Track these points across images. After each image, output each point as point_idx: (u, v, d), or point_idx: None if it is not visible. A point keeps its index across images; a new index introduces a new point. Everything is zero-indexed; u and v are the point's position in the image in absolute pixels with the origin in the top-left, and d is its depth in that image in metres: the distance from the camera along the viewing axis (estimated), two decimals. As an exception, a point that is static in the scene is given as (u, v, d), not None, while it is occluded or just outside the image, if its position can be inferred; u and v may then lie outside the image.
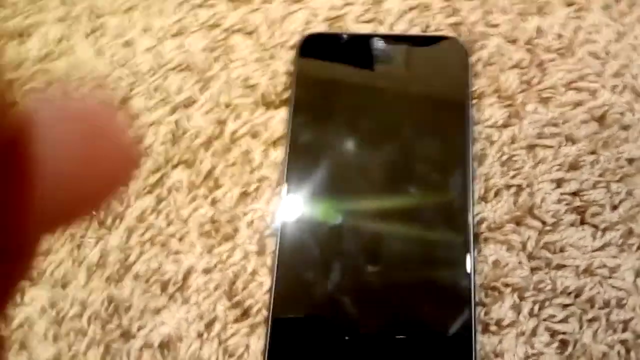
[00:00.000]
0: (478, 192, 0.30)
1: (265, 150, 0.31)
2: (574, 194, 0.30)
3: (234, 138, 0.32)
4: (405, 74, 0.32)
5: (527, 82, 0.32)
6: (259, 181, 0.31)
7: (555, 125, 0.31)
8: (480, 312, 0.28)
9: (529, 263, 0.29)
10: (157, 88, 0.33)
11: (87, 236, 0.30)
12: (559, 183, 0.30)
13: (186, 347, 0.28)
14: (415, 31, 0.33)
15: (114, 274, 0.30)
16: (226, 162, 0.31)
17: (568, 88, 0.31)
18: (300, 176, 0.30)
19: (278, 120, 0.32)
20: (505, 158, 0.30)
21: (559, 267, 0.29)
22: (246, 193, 0.31)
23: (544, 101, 0.31)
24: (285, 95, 0.32)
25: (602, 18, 0.33)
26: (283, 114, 0.32)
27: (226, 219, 0.30)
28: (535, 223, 0.29)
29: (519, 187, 0.30)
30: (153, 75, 0.33)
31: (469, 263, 0.28)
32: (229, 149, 0.31)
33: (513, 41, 0.32)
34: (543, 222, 0.29)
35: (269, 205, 0.30)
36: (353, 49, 0.32)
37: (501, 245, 0.29)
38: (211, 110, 0.32)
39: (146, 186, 0.31)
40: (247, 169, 0.31)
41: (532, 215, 0.29)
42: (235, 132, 0.32)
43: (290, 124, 0.31)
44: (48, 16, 0.35)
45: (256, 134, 0.32)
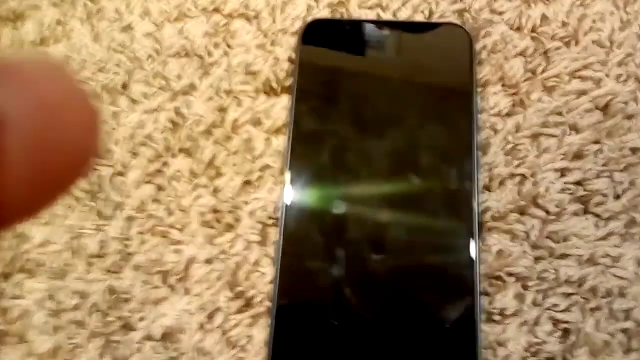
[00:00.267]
0: (482, 181, 0.30)
1: (267, 138, 0.31)
2: (578, 184, 0.30)
3: (236, 126, 0.31)
4: (409, 61, 0.32)
5: (532, 71, 0.31)
6: (261, 170, 0.30)
7: (559, 114, 0.31)
8: (484, 301, 0.28)
9: (533, 252, 0.29)
10: (156, 75, 0.32)
11: (86, 226, 0.30)
12: (563, 172, 0.30)
13: (188, 339, 0.28)
14: (419, 18, 0.33)
15: (114, 265, 0.29)
16: (227, 151, 0.31)
17: (573, 77, 0.31)
18: (303, 165, 0.30)
19: (280, 107, 0.31)
20: (509, 147, 0.30)
21: (563, 257, 0.28)
22: (248, 182, 0.30)
23: (549, 90, 0.31)
24: (287, 82, 0.32)
25: (607, 6, 0.32)
26: (285, 102, 0.31)
27: (228, 209, 0.30)
28: (539, 212, 0.29)
29: (523, 177, 0.30)
30: (152, 61, 0.32)
31: (474, 252, 0.28)
32: (230, 137, 0.31)
33: (518, 29, 0.32)
34: (547, 212, 0.29)
35: (272, 194, 0.30)
36: (356, 36, 0.32)
37: (505, 234, 0.29)
38: (212, 97, 0.32)
39: (146, 175, 0.30)
40: (249, 158, 0.30)
41: (536, 204, 0.29)
42: (236, 120, 0.31)
43: (292, 112, 0.30)
44: (43, 1, 0.34)
45: (258, 122, 0.31)
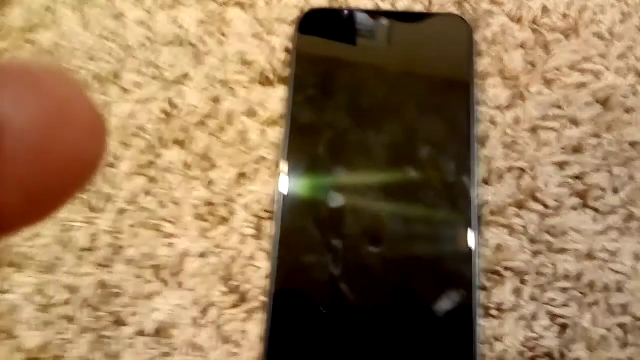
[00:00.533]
0: (481, 175, 0.29)
1: (262, 130, 0.30)
2: (577, 178, 0.29)
3: (230, 117, 0.30)
4: (407, 52, 0.31)
5: (532, 63, 0.31)
6: (256, 162, 0.30)
7: (559, 107, 0.30)
8: (481, 296, 0.28)
9: (531, 247, 0.28)
10: (149, 64, 0.31)
11: (76, 219, 0.29)
12: (562, 166, 0.29)
13: (181, 334, 0.27)
14: (418, 8, 0.32)
15: (105, 259, 0.28)
16: (222, 143, 0.30)
17: (573, 70, 0.31)
18: (299, 156, 0.29)
19: (276, 99, 0.30)
20: (508, 140, 0.30)
21: (561, 251, 0.28)
22: (243, 174, 0.30)
23: (548, 83, 0.31)
24: (284, 73, 0.31)
25: (607, -2, 0.32)
26: (281, 93, 0.31)
27: (222, 202, 0.29)
28: (537, 206, 0.29)
29: (522, 170, 0.29)
30: (145, 50, 0.32)
31: (472, 246, 0.28)
32: (225, 129, 0.30)
33: (518, 20, 0.32)
34: (545, 206, 0.29)
35: (267, 187, 0.29)
36: (355, 26, 0.31)
37: (503, 228, 0.29)
38: (206, 88, 0.31)
39: (137, 167, 0.30)
40: (244, 150, 0.30)
41: (535, 198, 0.29)
42: (231, 111, 0.30)
43: (290, 103, 0.30)
44: (30, -15, 0.33)
45: (253, 113, 0.30)
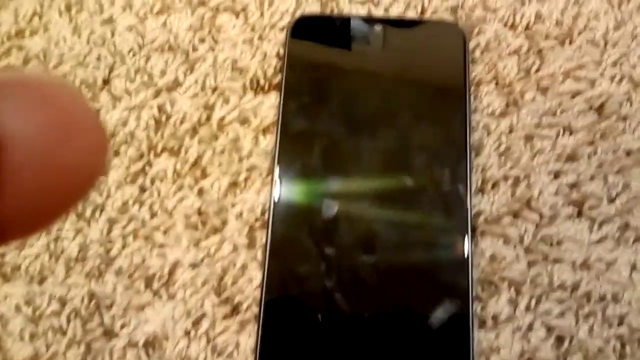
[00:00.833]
0: (475, 184, 0.29)
1: (254, 137, 0.30)
2: (572, 186, 0.29)
3: (222, 124, 0.30)
4: (400, 59, 0.31)
5: (526, 70, 0.31)
6: (249, 170, 0.29)
7: (553, 114, 0.30)
8: (476, 307, 0.27)
9: (526, 257, 0.28)
10: (139, 70, 0.31)
11: (65, 229, 0.28)
12: (557, 174, 0.29)
13: (172, 346, 0.27)
14: (411, 14, 0.32)
15: (95, 269, 0.28)
16: (213, 150, 0.30)
17: (567, 77, 0.31)
18: (291, 164, 0.29)
19: (268, 105, 0.30)
20: (503, 148, 0.30)
21: (556, 261, 0.28)
22: (235, 183, 0.29)
23: (543, 90, 0.30)
24: (275, 79, 0.31)
25: (602, 5, 0.32)
26: (273, 99, 0.30)
27: (214, 210, 0.29)
28: (532, 216, 0.29)
29: (517, 179, 0.29)
30: (134, 56, 0.31)
31: (467, 257, 0.27)
32: (217, 136, 0.30)
33: (512, 26, 0.31)
34: (540, 215, 0.29)
35: (259, 195, 0.29)
36: (347, 32, 0.31)
37: (498, 238, 0.28)
38: (197, 94, 0.30)
39: (128, 175, 0.29)
40: (236, 157, 0.29)
41: (530, 207, 0.29)
42: (223, 118, 0.30)
43: (280, 109, 0.29)
44: (18, -10, 0.32)
45: (245, 120, 0.30)
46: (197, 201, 0.29)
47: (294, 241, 0.28)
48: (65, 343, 0.27)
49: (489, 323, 0.27)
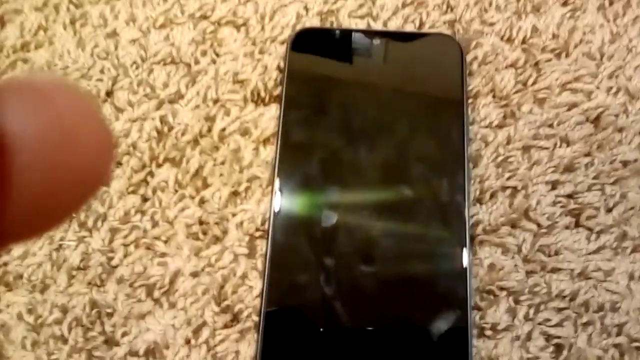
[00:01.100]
0: (473, 194, 0.29)
1: (255, 148, 0.30)
2: (569, 197, 0.29)
3: (223, 135, 0.30)
4: (399, 72, 0.31)
5: (523, 83, 0.31)
6: (249, 181, 0.30)
7: (550, 126, 0.30)
8: (475, 316, 0.27)
9: (524, 266, 0.28)
10: (142, 82, 0.31)
11: (67, 238, 0.29)
12: (554, 185, 0.30)
13: (173, 354, 0.27)
14: (409, 28, 0.32)
15: (96, 278, 0.28)
16: (214, 161, 0.30)
17: (563, 89, 0.31)
18: (291, 175, 0.29)
19: (268, 117, 0.31)
20: (500, 159, 0.30)
21: (554, 271, 0.28)
22: (236, 193, 0.29)
23: (540, 102, 0.31)
24: (276, 91, 0.31)
25: (597, 18, 0.32)
26: (274, 111, 0.31)
27: (215, 220, 0.29)
28: (530, 226, 0.29)
29: (515, 189, 0.29)
30: (137, 68, 0.32)
31: (465, 266, 0.28)
32: (218, 147, 0.30)
33: (509, 40, 0.32)
34: (538, 225, 0.29)
35: (260, 205, 0.29)
36: (346, 45, 0.31)
37: (497, 248, 0.29)
38: (199, 106, 0.31)
39: (130, 185, 0.30)
40: (237, 168, 0.30)
41: (528, 217, 0.29)
42: (224, 130, 0.30)
43: (281, 121, 0.30)
44: (24, 4, 0.33)
45: (246, 132, 0.30)
46: (198, 211, 0.29)
47: (294, 251, 0.28)
48: (66, 351, 0.27)
49: (488, 332, 0.27)
